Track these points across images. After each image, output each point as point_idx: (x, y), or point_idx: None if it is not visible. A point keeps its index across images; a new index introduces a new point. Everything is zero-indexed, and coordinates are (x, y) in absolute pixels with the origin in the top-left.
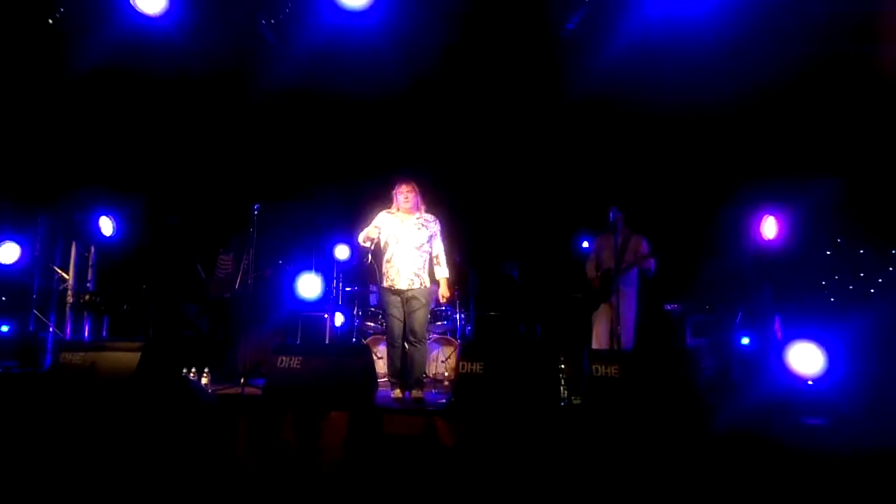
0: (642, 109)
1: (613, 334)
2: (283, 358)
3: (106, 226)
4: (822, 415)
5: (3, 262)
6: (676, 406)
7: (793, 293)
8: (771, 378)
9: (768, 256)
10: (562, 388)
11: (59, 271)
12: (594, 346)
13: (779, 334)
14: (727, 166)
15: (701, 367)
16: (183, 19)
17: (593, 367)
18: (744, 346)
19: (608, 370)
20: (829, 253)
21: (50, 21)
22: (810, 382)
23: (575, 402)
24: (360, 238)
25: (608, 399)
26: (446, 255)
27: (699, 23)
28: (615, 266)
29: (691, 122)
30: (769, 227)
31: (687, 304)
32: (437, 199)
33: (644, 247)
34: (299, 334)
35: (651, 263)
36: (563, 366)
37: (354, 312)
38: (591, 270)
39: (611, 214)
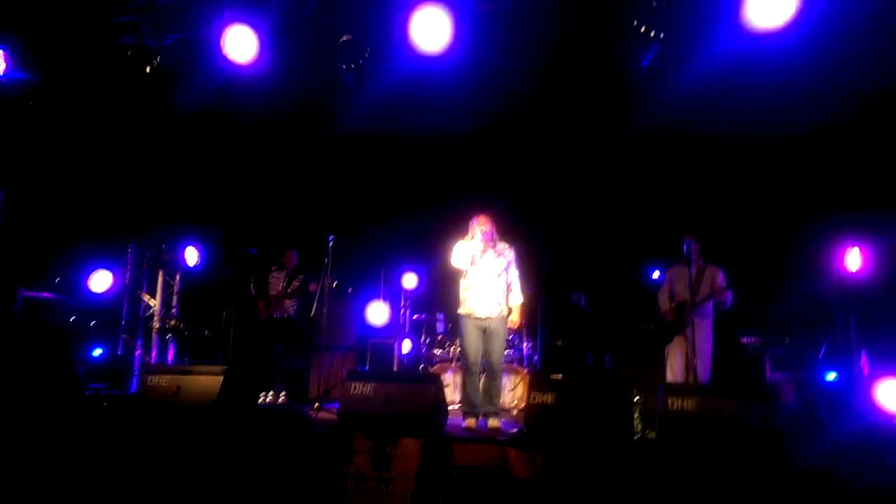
0: (719, 140)
1: (689, 368)
2: (357, 384)
3: (191, 256)
4: None
5: (96, 290)
6: (758, 441)
7: (878, 327)
8: (858, 415)
9: (852, 289)
10: (635, 421)
11: (147, 298)
12: (668, 379)
13: (865, 370)
14: (808, 196)
15: (783, 402)
16: (268, 66)
17: (669, 401)
18: (829, 381)
19: (684, 404)
20: None
21: (147, 69)
22: None
23: (649, 436)
24: (456, 261)
25: (685, 434)
26: (520, 282)
27: (776, 54)
28: (690, 298)
29: (771, 151)
30: (854, 259)
31: (765, 336)
32: (507, 230)
33: (720, 278)
34: (368, 360)
35: (728, 296)
36: (636, 398)
37: (422, 340)
38: (664, 302)
39: (685, 245)
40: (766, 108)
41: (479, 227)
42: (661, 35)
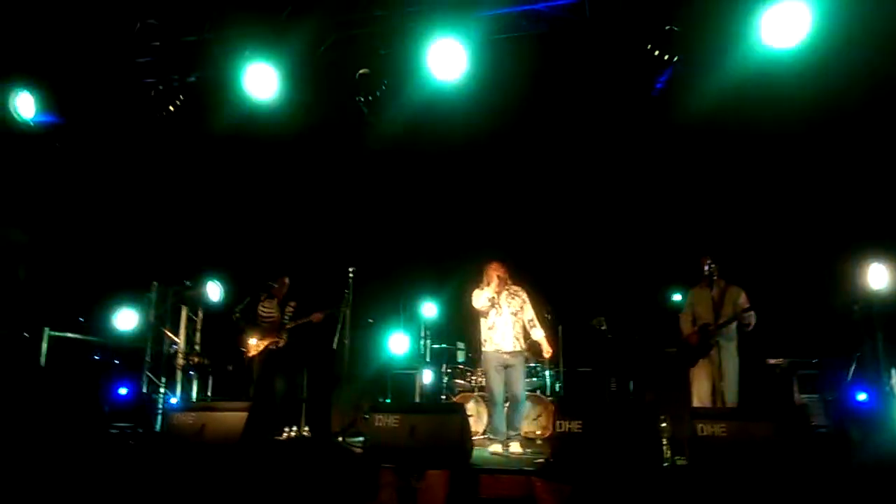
0: (739, 159)
1: (716, 391)
2: (380, 416)
3: (214, 291)
4: None
5: (121, 328)
6: (791, 465)
7: None
8: (891, 436)
9: (879, 306)
10: (664, 447)
11: (170, 335)
12: (695, 403)
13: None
14: (832, 214)
15: (812, 425)
16: (288, 100)
17: (698, 426)
18: (859, 401)
19: (714, 429)
20: None
21: (171, 108)
22: None
23: (679, 462)
24: (478, 304)
25: (715, 459)
26: (536, 316)
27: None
28: (714, 320)
29: (793, 168)
30: (879, 276)
31: (792, 358)
32: (523, 262)
33: (743, 299)
34: (389, 391)
35: (751, 316)
36: (664, 425)
37: (443, 370)
38: (686, 325)
39: (706, 266)
40: (784, 125)
41: (495, 273)
42: (676, 58)
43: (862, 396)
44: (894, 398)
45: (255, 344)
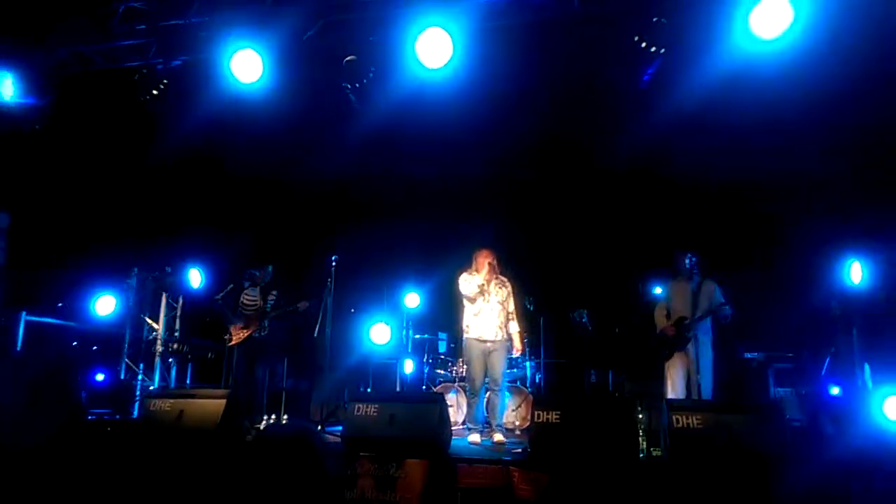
0: (718, 153)
1: (691, 384)
2: (360, 406)
3: (195, 278)
4: None
5: (99, 314)
6: (765, 457)
7: (881, 340)
8: (863, 430)
9: (855, 302)
10: (640, 439)
11: (150, 321)
12: (670, 395)
13: (869, 384)
14: (810, 209)
15: (787, 418)
16: (273, 86)
17: (674, 417)
18: (833, 396)
19: (690, 421)
20: None
21: (154, 92)
22: None
23: (655, 453)
24: (466, 289)
25: (691, 451)
26: (516, 310)
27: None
28: (691, 314)
29: (772, 163)
30: (855, 272)
31: (768, 352)
32: (509, 252)
33: (718, 293)
34: (370, 381)
35: (727, 311)
36: (640, 416)
37: (424, 360)
38: (661, 318)
39: (686, 260)
40: (765, 119)
41: (486, 260)
42: (662, 50)
43: (836, 391)
44: (868, 393)
45: (237, 331)
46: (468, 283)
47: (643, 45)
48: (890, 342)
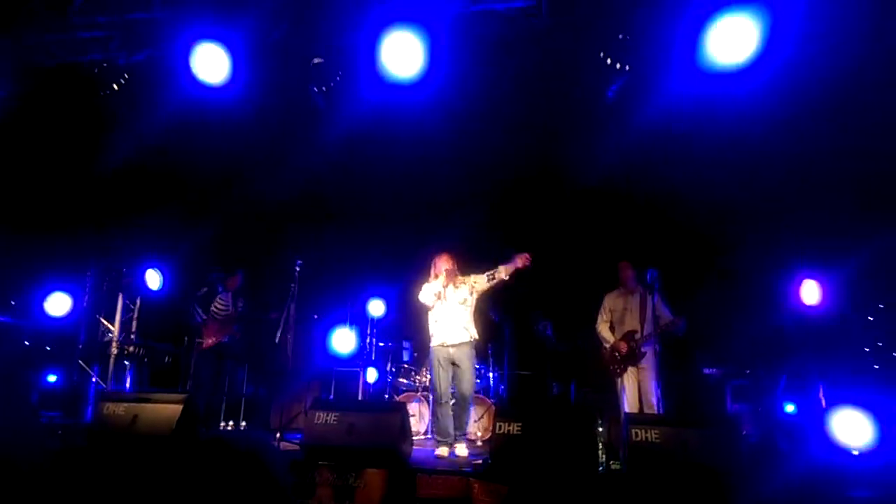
0: (678, 170)
1: (644, 397)
2: (320, 413)
3: (153, 279)
4: (870, 487)
5: (53, 313)
6: (721, 472)
7: (836, 359)
8: (817, 448)
9: (810, 321)
10: (600, 452)
11: (106, 323)
12: (625, 409)
13: (823, 402)
14: (767, 228)
15: (743, 434)
16: (240, 86)
17: (633, 431)
18: (788, 413)
19: (648, 435)
20: (870, 318)
21: (115, 87)
22: (856, 453)
23: (614, 466)
24: (423, 298)
25: (649, 465)
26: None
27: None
28: (640, 327)
29: (731, 182)
30: (810, 292)
31: (726, 368)
32: (470, 262)
33: (666, 310)
34: (333, 389)
35: (682, 324)
36: (600, 429)
37: (388, 368)
38: (606, 332)
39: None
40: (726, 139)
41: (443, 265)
42: (627, 67)
43: (790, 408)
44: (822, 411)
45: (211, 335)
46: (425, 292)
47: (608, 61)
48: (843, 361)
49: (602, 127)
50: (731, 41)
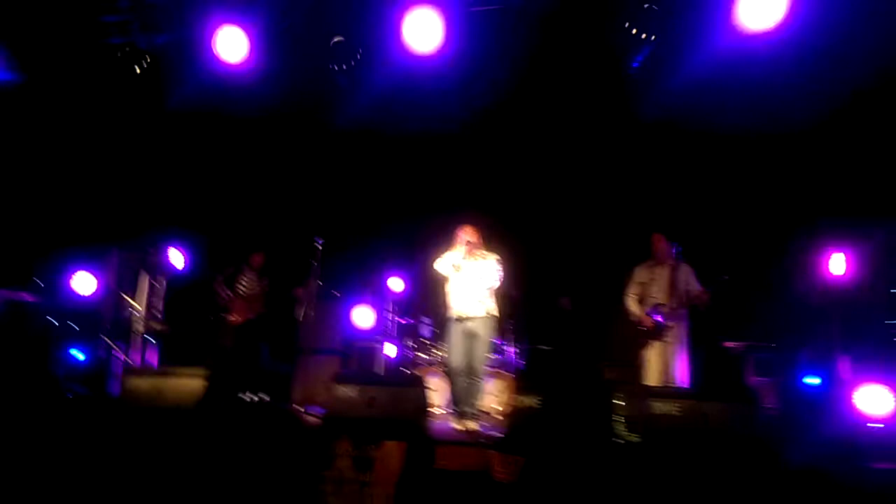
0: (705, 141)
1: (669, 371)
2: (341, 387)
3: (177, 258)
4: (892, 459)
5: (79, 292)
6: (741, 445)
7: (860, 332)
8: (838, 420)
9: (835, 293)
10: (620, 425)
11: (131, 301)
12: (648, 382)
13: (846, 374)
14: (794, 199)
15: (765, 406)
16: (259, 66)
17: (653, 404)
18: (810, 385)
19: (668, 408)
20: (894, 291)
21: (137, 70)
22: (880, 425)
23: (633, 439)
24: (439, 267)
25: (668, 438)
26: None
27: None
28: (669, 300)
29: (757, 153)
30: (837, 264)
31: (748, 341)
32: (493, 237)
33: (694, 279)
34: (354, 364)
35: (708, 297)
36: (619, 402)
37: (407, 343)
38: (634, 305)
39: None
40: (752, 109)
41: (465, 237)
42: (653, 37)
43: (814, 381)
44: (846, 384)
45: (239, 312)
46: (441, 262)
47: (633, 31)
48: (869, 334)
49: (628, 96)
50: (760, 7)
